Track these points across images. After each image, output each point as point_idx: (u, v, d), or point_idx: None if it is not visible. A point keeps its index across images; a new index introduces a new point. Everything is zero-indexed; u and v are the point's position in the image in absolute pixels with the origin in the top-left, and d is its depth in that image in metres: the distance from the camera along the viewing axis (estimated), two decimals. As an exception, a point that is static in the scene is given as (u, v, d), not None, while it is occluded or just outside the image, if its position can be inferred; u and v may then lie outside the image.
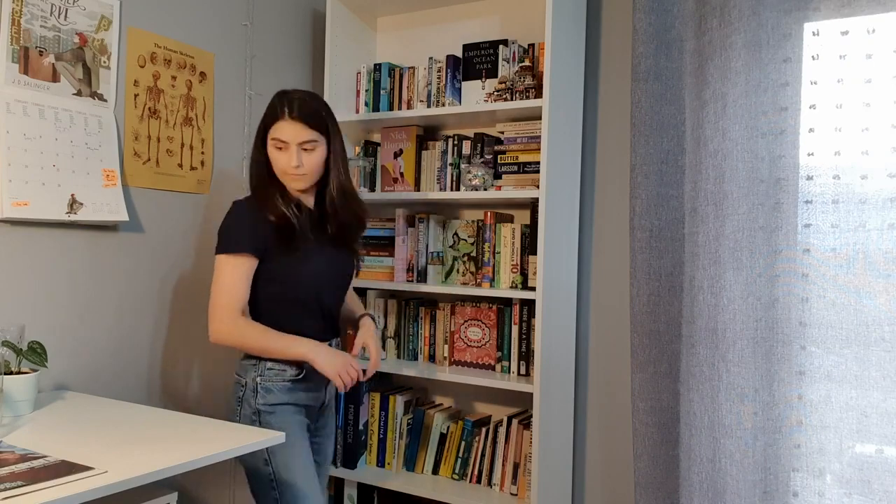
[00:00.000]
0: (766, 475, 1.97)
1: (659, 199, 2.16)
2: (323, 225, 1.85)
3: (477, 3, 2.61)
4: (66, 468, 1.18)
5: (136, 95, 2.06)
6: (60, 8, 1.85)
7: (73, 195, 1.85)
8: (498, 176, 2.37)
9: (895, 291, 1.82)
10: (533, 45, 2.40)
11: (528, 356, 2.32)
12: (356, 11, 2.70)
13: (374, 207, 2.49)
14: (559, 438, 2.31)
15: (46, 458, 1.24)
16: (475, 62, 2.44)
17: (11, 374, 1.55)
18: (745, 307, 1.96)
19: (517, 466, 2.33)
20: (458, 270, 2.47)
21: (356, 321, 2.00)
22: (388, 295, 2.64)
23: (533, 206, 2.26)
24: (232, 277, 1.72)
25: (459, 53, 2.48)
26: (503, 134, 2.39)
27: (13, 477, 1.13)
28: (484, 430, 2.41)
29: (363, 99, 2.64)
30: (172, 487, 1.87)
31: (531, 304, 2.29)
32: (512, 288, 2.32)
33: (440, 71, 2.49)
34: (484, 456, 2.39)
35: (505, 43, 2.39)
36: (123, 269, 2.03)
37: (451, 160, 2.47)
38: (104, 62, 1.96)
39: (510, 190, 2.33)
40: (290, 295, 1.79)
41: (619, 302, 2.38)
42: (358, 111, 2.64)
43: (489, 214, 2.37)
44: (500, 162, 2.37)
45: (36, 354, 1.62)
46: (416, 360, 2.56)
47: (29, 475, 1.14)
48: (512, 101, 2.28)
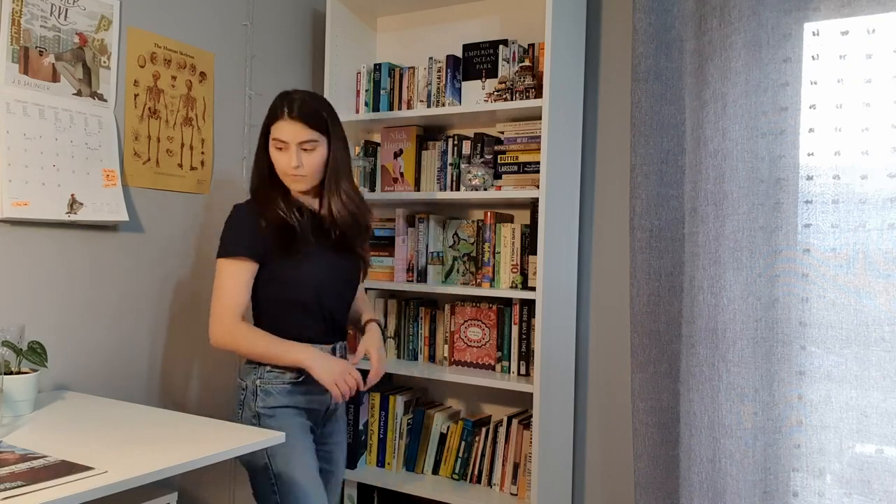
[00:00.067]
0: (766, 475, 1.97)
1: (659, 199, 2.16)
2: (326, 228, 1.81)
3: (477, 3, 2.61)
4: (66, 468, 1.18)
5: (136, 95, 2.06)
6: (60, 8, 1.85)
7: (73, 195, 1.85)
8: (498, 176, 2.37)
9: (895, 291, 1.82)
10: (533, 45, 2.40)
11: (528, 356, 2.32)
12: (356, 11, 2.70)
13: (374, 207, 2.48)
14: (559, 438, 2.31)
15: (46, 458, 1.24)
16: (475, 62, 2.44)
17: (11, 374, 1.55)
18: (745, 307, 1.96)
19: (517, 466, 2.33)
20: (458, 270, 2.47)
21: (362, 326, 1.97)
22: (388, 295, 2.64)
23: (533, 206, 2.26)
24: (231, 282, 1.72)
25: (459, 53, 2.48)
26: (503, 134, 2.39)
27: (13, 477, 1.13)
28: (484, 430, 2.41)
29: (363, 99, 2.64)
30: (172, 487, 1.87)
31: (531, 304, 2.29)
32: (512, 288, 2.32)
33: (440, 71, 2.49)
34: (484, 456, 2.39)
35: (505, 43, 2.39)
36: (123, 269, 2.03)
37: (451, 160, 2.47)
38: (104, 62, 1.96)
39: (510, 190, 2.33)
40: (291, 298, 1.77)
41: (619, 302, 2.38)
42: (358, 111, 2.64)
43: (489, 214, 2.37)
44: (500, 162, 2.37)
45: (36, 354, 1.62)
46: (416, 360, 2.56)
47: (29, 475, 1.14)
48: (512, 101, 2.28)
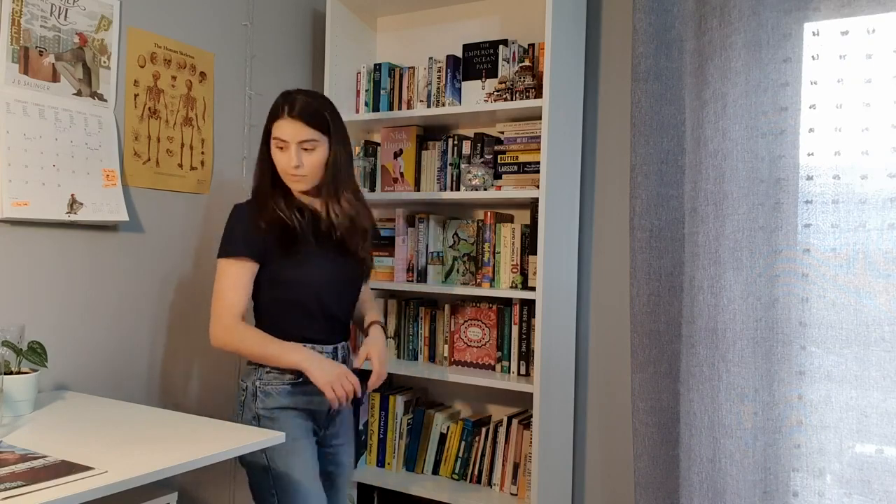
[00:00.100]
0: (766, 475, 1.97)
1: (659, 199, 2.16)
2: (327, 229, 1.79)
3: (477, 3, 2.61)
4: (66, 468, 1.18)
5: (136, 95, 2.06)
6: (60, 8, 1.85)
7: (73, 195, 1.85)
8: (498, 176, 2.37)
9: (895, 291, 1.82)
10: (533, 45, 2.40)
11: (528, 356, 2.32)
12: (356, 11, 2.70)
13: (374, 207, 2.49)
14: (559, 438, 2.31)
15: (46, 458, 1.24)
16: (475, 62, 2.44)
17: (11, 374, 1.55)
18: (745, 307, 1.96)
19: (517, 466, 2.33)
20: (458, 270, 2.47)
21: (365, 329, 1.95)
22: (388, 295, 2.64)
23: (533, 206, 2.26)
24: (231, 282, 1.71)
25: (459, 53, 2.48)
26: (503, 134, 2.39)
27: (13, 477, 1.13)
28: (484, 430, 2.41)
29: (363, 99, 2.64)
30: (172, 487, 1.87)
31: (531, 304, 2.29)
32: (512, 288, 2.32)
33: (440, 71, 2.49)
34: (484, 456, 2.39)
35: (505, 43, 2.39)
36: (123, 269, 2.03)
37: (451, 160, 2.47)
38: (104, 62, 1.96)
39: (510, 190, 2.33)
40: (291, 299, 1.76)
41: (619, 302, 2.38)
42: (358, 111, 2.64)
43: (489, 214, 2.37)
44: (500, 162, 2.37)
45: (36, 354, 1.62)
46: (416, 360, 2.56)
47: (29, 475, 1.14)
48: (512, 101, 2.28)
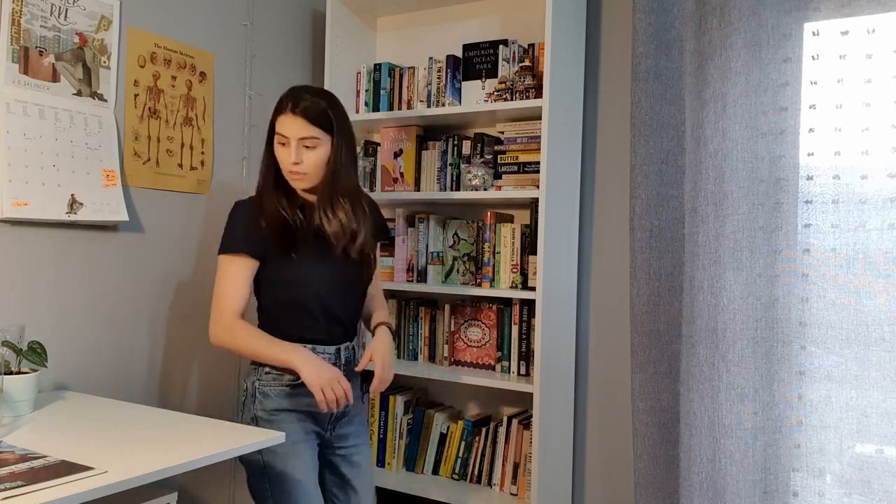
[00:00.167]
0: (766, 475, 1.97)
1: (659, 199, 2.16)
2: (319, 231, 1.75)
3: (477, 3, 2.61)
4: (66, 468, 1.18)
5: (136, 95, 2.06)
6: (60, 8, 1.85)
7: (73, 195, 1.85)
8: (498, 176, 2.37)
9: (895, 291, 1.82)
10: (533, 45, 2.40)
11: (528, 356, 2.32)
12: (356, 11, 2.70)
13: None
14: (559, 438, 2.31)
15: (46, 458, 1.24)
16: (475, 62, 2.44)
17: (11, 374, 1.55)
18: (745, 307, 1.96)
19: (517, 466, 2.33)
20: (458, 270, 2.47)
21: (372, 330, 1.89)
22: (388, 295, 2.63)
23: (533, 206, 2.26)
24: (230, 280, 1.71)
25: (459, 53, 2.48)
26: (503, 134, 2.39)
27: (13, 477, 1.13)
28: (484, 430, 2.41)
29: (363, 99, 2.64)
30: (172, 487, 1.87)
31: (531, 304, 2.29)
32: (512, 288, 2.32)
33: (440, 71, 2.49)
34: (484, 456, 2.39)
35: (505, 43, 2.39)
36: (123, 269, 2.03)
37: (451, 160, 2.47)
38: (104, 62, 1.96)
39: (510, 190, 2.33)
40: (291, 299, 1.74)
41: (619, 302, 2.38)
42: (358, 111, 2.64)
43: (489, 214, 2.37)
44: (500, 162, 2.37)
45: (36, 354, 1.61)
46: (416, 360, 2.56)
47: (29, 475, 1.14)
48: (512, 101, 2.28)
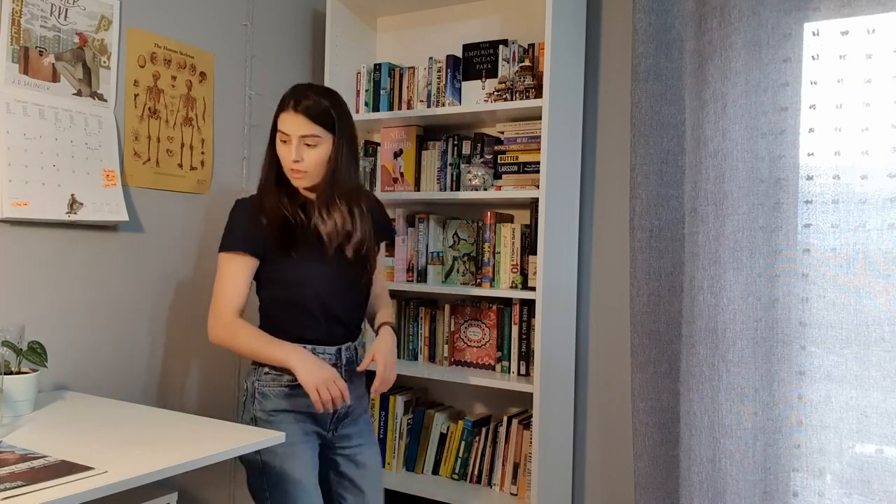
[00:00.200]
0: (766, 475, 1.97)
1: (659, 199, 2.16)
2: (315, 231, 1.73)
3: (477, 3, 2.61)
4: (66, 468, 1.18)
5: (136, 95, 2.06)
6: (60, 8, 1.85)
7: (73, 195, 1.85)
8: (498, 176, 2.37)
9: (895, 291, 1.82)
10: (533, 45, 2.40)
11: (528, 356, 2.32)
12: (356, 11, 2.70)
13: (374, 207, 2.49)
14: (559, 438, 2.31)
15: (46, 458, 1.24)
16: (475, 62, 2.44)
17: (11, 374, 1.55)
18: (745, 307, 1.96)
19: (517, 466, 2.33)
20: (458, 270, 2.47)
21: (376, 330, 1.88)
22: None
23: (533, 206, 2.26)
24: (229, 277, 1.70)
25: (459, 53, 2.48)
26: (503, 134, 2.39)
27: (13, 477, 1.13)
28: (484, 430, 2.41)
29: (363, 99, 2.64)
30: (172, 487, 1.87)
31: (531, 304, 2.29)
32: (512, 288, 2.32)
33: (440, 71, 2.49)
34: (484, 456, 2.39)
35: (505, 43, 2.39)
36: (123, 269, 2.03)
37: (451, 160, 2.47)
38: (104, 62, 1.96)
39: (510, 190, 2.33)
40: (291, 298, 1.73)
41: (619, 302, 2.38)
42: (358, 111, 2.64)
43: (489, 214, 2.37)
44: (500, 162, 2.37)
45: (36, 354, 1.61)
46: (416, 360, 2.56)
47: (29, 475, 1.14)
48: (512, 101, 2.28)
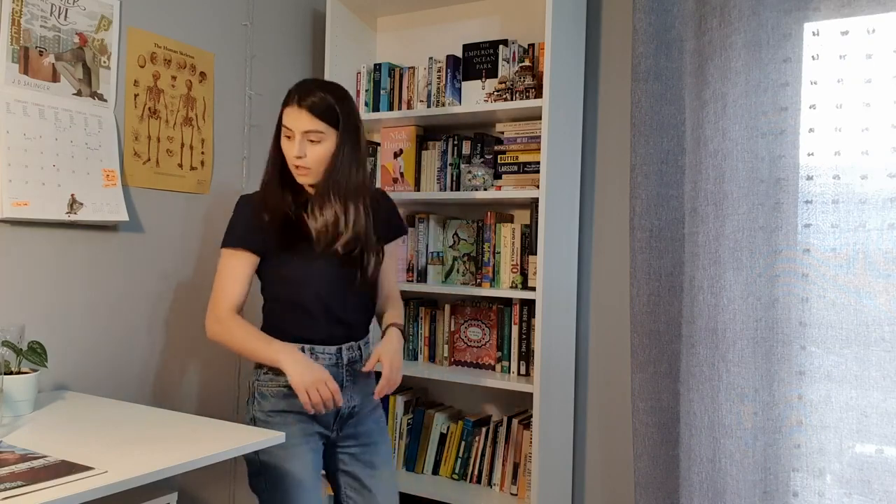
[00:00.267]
0: (766, 475, 1.97)
1: (659, 199, 2.16)
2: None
3: (477, 3, 2.61)
4: (66, 468, 1.18)
5: (136, 95, 2.06)
6: (60, 8, 1.85)
7: (73, 195, 1.85)
8: (498, 176, 2.37)
9: (895, 291, 1.82)
10: (533, 45, 2.40)
11: (528, 356, 2.32)
12: (356, 11, 2.70)
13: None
14: (559, 438, 2.31)
15: (46, 458, 1.24)
16: (475, 62, 2.44)
17: (11, 374, 1.55)
18: (745, 307, 1.96)
19: (517, 466, 2.33)
20: (458, 270, 2.47)
21: (382, 331, 1.83)
22: (388, 295, 2.64)
23: (533, 206, 2.26)
24: (228, 274, 1.69)
25: (459, 53, 2.48)
26: (503, 134, 2.39)
27: (13, 477, 1.13)
28: (484, 430, 2.41)
29: (363, 99, 2.64)
30: (172, 487, 1.87)
31: (531, 304, 2.29)
32: (512, 288, 2.32)
33: (440, 71, 2.49)
34: (484, 456, 2.39)
35: (505, 43, 2.39)
36: (123, 269, 2.03)
37: (451, 160, 2.47)
38: (104, 62, 1.96)
39: (510, 190, 2.33)
40: (291, 298, 1.71)
41: (619, 302, 2.38)
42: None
43: (489, 214, 2.37)
44: (500, 162, 2.37)
45: (36, 354, 1.62)
46: (416, 360, 2.56)
47: (29, 475, 1.14)
48: (512, 101, 2.28)
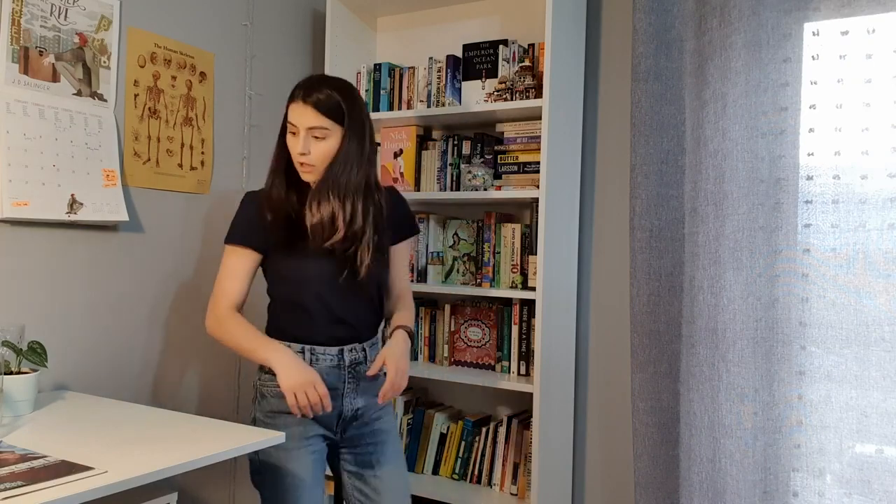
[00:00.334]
0: (766, 475, 1.97)
1: (659, 199, 2.16)
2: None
3: (477, 3, 2.61)
4: (66, 468, 1.18)
5: (136, 95, 2.06)
6: (60, 8, 1.85)
7: (73, 195, 1.85)
8: (498, 176, 2.37)
9: (895, 291, 1.82)
10: (533, 45, 2.40)
11: (528, 356, 2.32)
12: (356, 11, 2.70)
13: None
14: (559, 438, 2.31)
15: (46, 458, 1.24)
16: (475, 62, 2.44)
17: (11, 374, 1.55)
18: (745, 307, 1.96)
19: (517, 466, 2.33)
20: (458, 270, 2.47)
21: (390, 333, 1.79)
22: (388, 295, 2.64)
23: (533, 206, 2.26)
24: (228, 271, 1.69)
25: (459, 53, 2.48)
26: (503, 134, 2.39)
27: (13, 477, 1.13)
28: (484, 430, 2.41)
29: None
30: (172, 487, 1.87)
31: (531, 304, 2.29)
32: (512, 288, 2.32)
33: (440, 71, 2.49)
34: (484, 456, 2.39)
35: (505, 43, 2.39)
36: (123, 269, 2.03)
37: (451, 160, 2.47)
38: (104, 62, 1.96)
39: (510, 190, 2.33)
40: (293, 297, 1.70)
41: (619, 302, 2.38)
42: (358, 111, 2.64)
43: (489, 214, 2.37)
44: (500, 162, 2.37)
45: (36, 354, 1.62)
46: (416, 360, 2.56)
47: (29, 475, 1.14)
48: (512, 101, 2.28)
